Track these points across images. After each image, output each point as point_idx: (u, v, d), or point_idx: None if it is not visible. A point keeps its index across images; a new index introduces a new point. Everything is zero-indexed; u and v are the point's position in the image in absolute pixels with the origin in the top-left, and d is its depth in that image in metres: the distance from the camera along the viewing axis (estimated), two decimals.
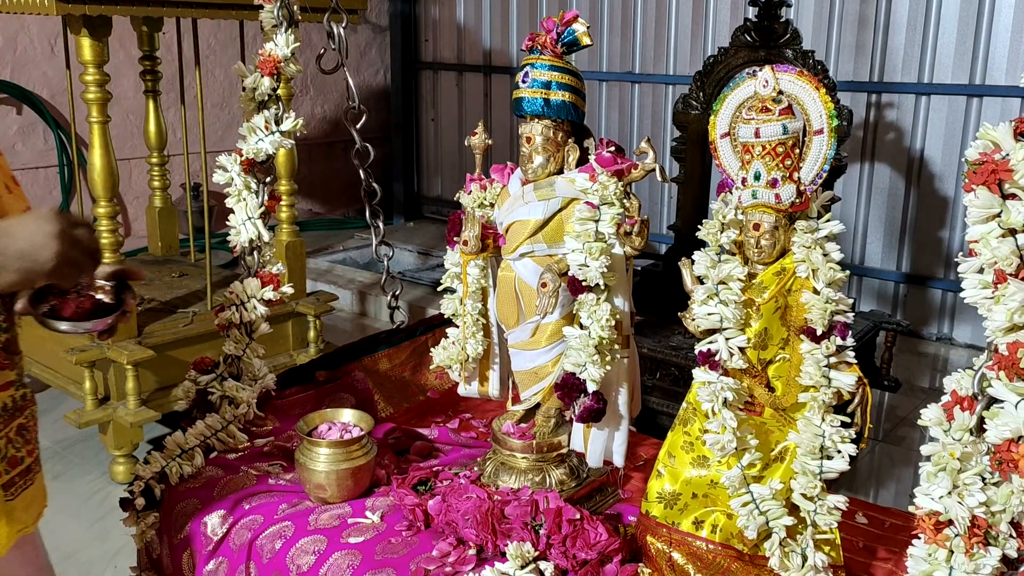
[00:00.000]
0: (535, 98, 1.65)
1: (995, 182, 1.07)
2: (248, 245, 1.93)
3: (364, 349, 2.29)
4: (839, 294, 1.45)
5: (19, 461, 1.33)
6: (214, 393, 1.93)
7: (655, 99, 5.29)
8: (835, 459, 1.45)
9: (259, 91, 1.88)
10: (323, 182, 6.38)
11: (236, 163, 1.89)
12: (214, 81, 5.53)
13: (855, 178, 4.57)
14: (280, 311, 3.40)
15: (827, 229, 1.48)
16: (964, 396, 1.12)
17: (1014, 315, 1.05)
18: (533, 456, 1.76)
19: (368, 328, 4.52)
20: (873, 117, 4.51)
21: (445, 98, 6.43)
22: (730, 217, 1.53)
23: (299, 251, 3.56)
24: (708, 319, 1.49)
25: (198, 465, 1.83)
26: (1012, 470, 1.06)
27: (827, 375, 1.45)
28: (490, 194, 1.79)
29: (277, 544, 1.65)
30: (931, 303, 4.48)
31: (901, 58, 4.37)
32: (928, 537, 1.12)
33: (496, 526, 1.59)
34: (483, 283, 1.83)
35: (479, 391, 1.92)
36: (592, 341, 1.57)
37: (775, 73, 1.48)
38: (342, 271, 5.24)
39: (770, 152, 1.46)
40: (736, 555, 1.50)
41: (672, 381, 3.03)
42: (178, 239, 4.14)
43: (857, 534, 1.71)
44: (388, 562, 1.58)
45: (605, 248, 1.57)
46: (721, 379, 1.48)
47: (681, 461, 1.56)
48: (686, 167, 3.40)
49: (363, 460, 1.76)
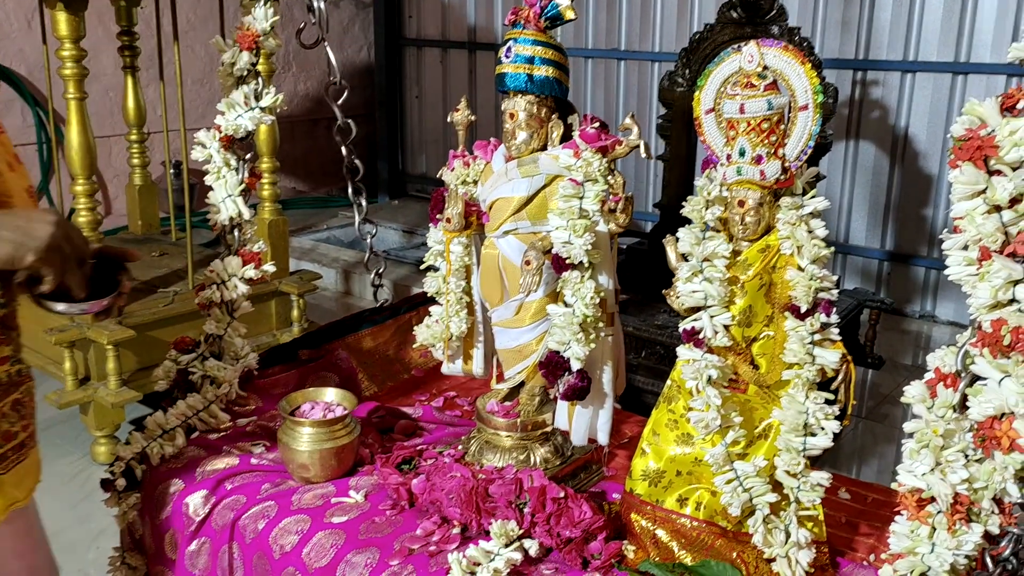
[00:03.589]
0: (518, 73, 1.63)
1: (981, 158, 1.06)
2: (228, 223, 1.91)
3: (347, 327, 2.27)
4: (824, 271, 1.45)
5: (13, 436, 1.33)
6: (195, 373, 1.91)
7: (641, 76, 5.27)
8: (819, 436, 1.44)
9: (238, 66, 1.84)
10: (306, 160, 6.33)
11: (215, 139, 1.86)
12: (194, 57, 5.46)
13: (840, 156, 4.57)
14: (263, 290, 3.38)
15: (812, 206, 1.47)
16: (947, 373, 1.12)
17: (998, 292, 1.05)
18: (517, 434, 1.76)
19: (352, 307, 4.50)
20: (858, 95, 4.51)
21: (429, 75, 6.38)
22: (715, 194, 1.52)
23: (282, 229, 3.53)
24: (692, 296, 1.48)
25: (179, 445, 1.82)
26: (995, 447, 1.06)
27: (811, 352, 1.45)
28: (473, 171, 1.77)
29: (260, 524, 1.64)
30: (914, 281, 4.50)
31: (887, 35, 4.37)
32: (911, 514, 1.12)
33: (480, 505, 1.59)
34: (466, 261, 1.81)
35: (463, 369, 1.91)
36: (576, 319, 1.56)
37: (760, 48, 1.46)
38: (326, 250, 5.21)
39: (755, 128, 1.45)
40: (720, 532, 1.51)
41: (657, 359, 3.04)
42: (159, 218, 4.09)
43: (840, 510, 1.71)
44: (372, 541, 1.57)
45: (589, 225, 1.56)
46: (705, 356, 1.47)
47: (665, 439, 1.56)
48: (672, 144, 3.39)
49: (346, 439, 1.75)
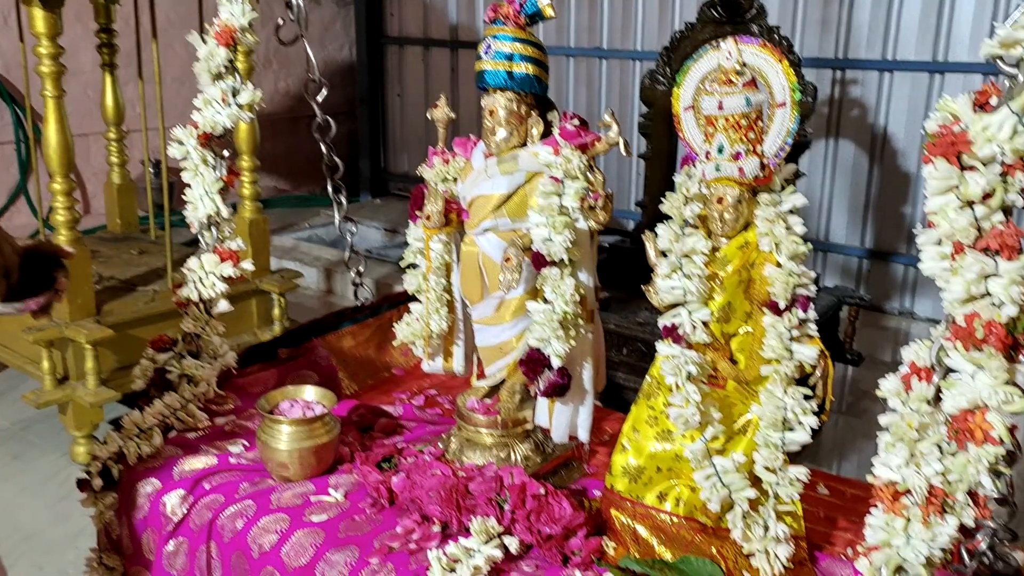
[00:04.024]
0: (498, 70, 1.63)
1: (954, 154, 1.07)
2: (206, 220, 1.90)
3: (327, 326, 2.26)
4: (802, 267, 1.46)
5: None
6: (172, 372, 1.89)
7: (623, 75, 5.28)
8: (797, 431, 1.45)
9: (215, 62, 1.83)
10: (287, 159, 6.30)
11: (192, 136, 1.85)
12: (173, 55, 5.41)
13: (820, 154, 4.60)
14: (243, 288, 3.36)
15: (790, 203, 1.48)
16: (922, 367, 1.13)
17: (971, 286, 1.06)
18: (498, 432, 1.76)
19: (334, 306, 4.49)
20: (838, 94, 4.53)
21: (411, 74, 6.36)
22: (694, 190, 1.52)
23: (262, 228, 3.51)
24: (672, 292, 1.48)
25: (157, 445, 1.80)
26: (969, 440, 1.07)
27: (789, 348, 1.46)
28: (453, 168, 1.77)
29: (239, 523, 1.63)
30: (893, 278, 4.54)
31: (865, 35, 4.40)
32: (886, 506, 1.13)
33: (461, 502, 1.59)
34: (446, 258, 1.81)
35: (443, 367, 1.90)
36: (556, 316, 1.56)
37: (738, 45, 1.47)
38: (307, 249, 5.19)
39: (733, 125, 1.45)
40: (699, 527, 1.51)
41: (639, 357, 3.04)
42: (137, 216, 4.06)
43: (819, 505, 1.72)
44: (352, 539, 1.57)
45: (569, 222, 1.56)
46: (685, 352, 1.47)
47: (645, 435, 1.56)
48: (653, 143, 3.40)
49: (326, 438, 1.74)
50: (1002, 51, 1.07)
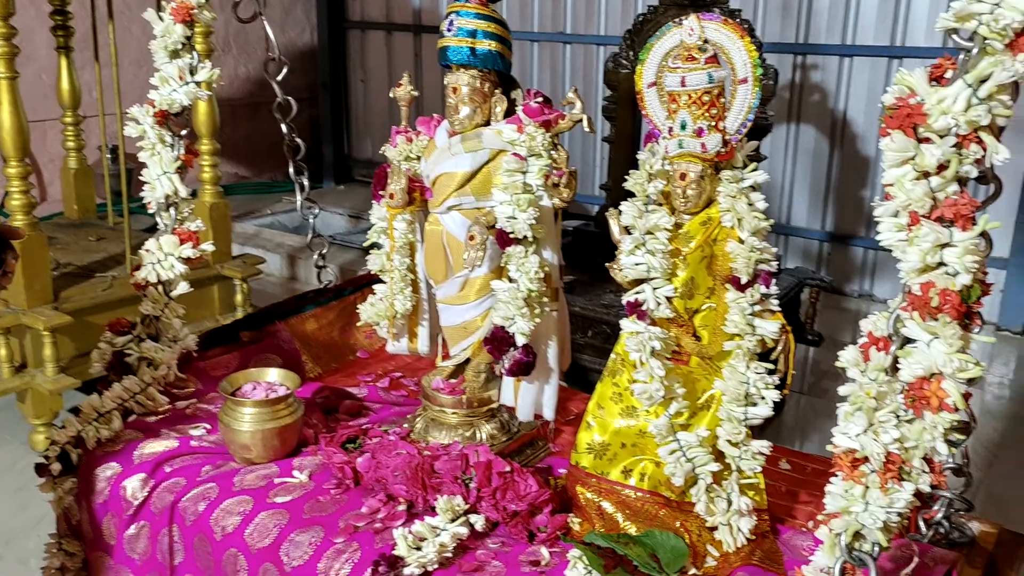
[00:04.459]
0: (461, 47, 1.62)
1: (910, 126, 1.08)
2: (164, 201, 1.86)
3: (291, 309, 2.24)
4: (763, 243, 1.47)
5: None
6: (131, 355, 1.86)
7: (586, 59, 5.29)
8: (759, 405, 1.47)
9: (171, 39, 1.80)
10: (248, 144, 6.22)
11: (149, 115, 1.82)
12: (130, 39, 5.31)
13: (781, 138, 4.64)
14: (205, 274, 3.33)
15: (752, 179, 1.49)
16: (880, 337, 1.15)
17: (926, 256, 1.07)
18: (463, 411, 1.75)
19: (298, 292, 4.44)
20: (799, 78, 4.58)
21: (374, 58, 6.31)
22: (657, 167, 1.52)
23: (223, 212, 3.47)
24: (635, 269, 1.49)
25: (116, 429, 1.77)
26: (924, 407, 1.09)
27: (751, 323, 1.47)
28: (416, 147, 1.76)
29: (200, 506, 1.61)
30: (853, 261, 4.61)
31: (826, 20, 4.44)
32: (845, 474, 1.15)
33: (426, 481, 1.58)
34: (410, 238, 1.80)
35: (408, 348, 1.90)
36: (521, 294, 1.56)
37: (701, 22, 1.47)
38: (270, 235, 5.14)
39: (696, 101, 1.46)
40: (664, 502, 1.52)
41: (604, 339, 3.06)
42: (95, 202, 3.99)
43: (781, 479, 1.75)
44: (316, 520, 1.56)
45: (533, 200, 1.56)
46: (648, 329, 1.48)
47: (610, 412, 1.57)
48: (617, 126, 3.41)
49: (289, 419, 1.73)
50: (957, 24, 1.08)
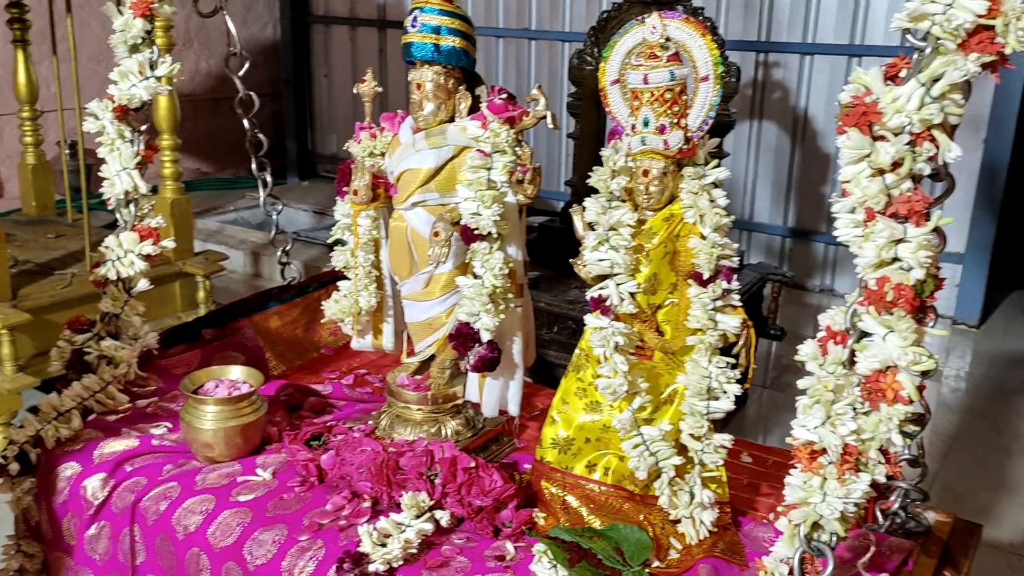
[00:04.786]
0: (425, 43, 1.62)
1: (866, 124, 1.11)
2: (124, 197, 1.84)
3: (254, 306, 2.22)
4: (725, 239, 1.49)
5: None
6: (91, 353, 1.84)
7: (551, 56, 5.30)
8: (721, 400, 1.49)
9: (131, 33, 1.77)
10: (210, 140, 6.15)
11: (108, 110, 1.79)
12: (89, 32, 5.23)
13: (744, 135, 4.69)
14: (167, 271, 3.29)
15: (713, 176, 1.51)
16: (837, 331, 1.17)
17: (882, 251, 1.10)
18: (428, 408, 1.75)
19: (262, 289, 4.41)
20: (761, 76, 4.63)
21: (338, 53, 6.27)
22: (620, 164, 1.54)
23: (185, 209, 3.43)
24: (599, 265, 1.50)
25: (75, 428, 1.75)
26: (880, 399, 1.12)
27: (713, 318, 1.49)
28: (380, 143, 1.75)
29: (162, 505, 1.60)
30: (815, 256, 4.67)
31: (787, 18, 4.50)
32: (804, 466, 1.17)
33: (391, 478, 1.58)
34: (375, 234, 1.79)
35: (373, 344, 1.89)
36: (486, 290, 1.56)
37: (663, 20, 1.49)
38: (233, 231, 5.09)
39: (658, 98, 1.47)
40: (628, 495, 1.54)
41: (569, 335, 3.07)
42: (54, 199, 3.92)
43: (743, 472, 1.77)
44: (280, 518, 1.55)
45: (497, 196, 1.56)
46: (612, 324, 1.49)
47: (574, 407, 1.58)
48: (582, 123, 3.42)
49: (252, 417, 1.72)
50: (911, 24, 1.10)
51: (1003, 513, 2.85)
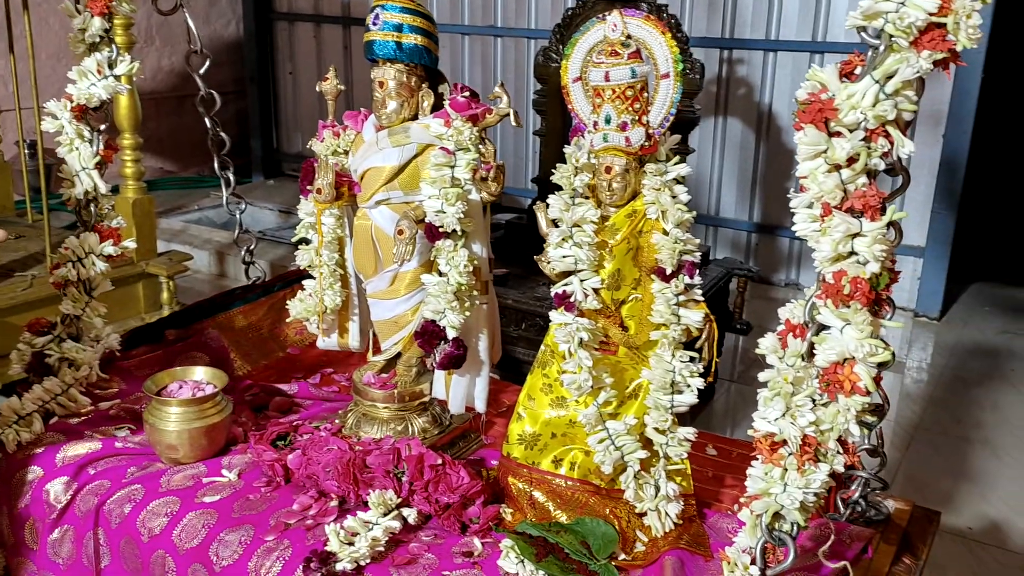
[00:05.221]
0: (387, 41, 1.62)
1: (822, 120, 1.12)
2: (84, 198, 1.82)
3: (218, 306, 2.21)
4: (687, 234, 1.50)
5: None
6: (52, 355, 1.82)
7: (517, 52, 5.30)
8: (685, 393, 1.50)
9: (89, 32, 1.75)
10: (174, 139, 6.08)
11: (66, 110, 1.76)
12: (48, 30, 5.15)
13: (709, 132, 4.73)
14: (130, 272, 3.25)
15: (675, 172, 1.52)
16: (796, 324, 1.19)
17: (838, 245, 1.12)
18: (395, 406, 1.75)
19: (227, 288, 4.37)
20: (725, 72, 4.67)
21: (302, 51, 6.22)
22: (583, 161, 1.55)
23: (147, 209, 3.39)
24: (563, 261, 1.51)
25: (37, 431, 1.73)
26: (838, 391, 1.14)
27: (676, 313, 1.50)
28: (344, 141, 1.75)
29: (126, 508, 1.58)
30: (780, 251, 4.72)
31: (750, 15, 4.54)
32: (765, 457, 1.19)
33: (358, 476, 1.58)
34: (339, 232, 1.79)
35: (339, 343, 1.89)
36: (451, 288, 1.57)
37: (623, 17, 1.50)
38: (197, 231, 5.04)
39: (620, 96, 1.48)
40: (594, 490, 1.55)
41: (537, 331, 3.07)
42: (13, 199, 3.86)
43: (707, 465, 1.79)
44: (246, 519, 1.54)
45: (461, 194, 1.56)
46: (576, 320, 1.50)
47: (540, 403, 1.59)
48: (548, 119, 3.43)
49: (217, 418, 1.71)
50: (865, 22, 1.12)
51: (964, 501, 2.91)
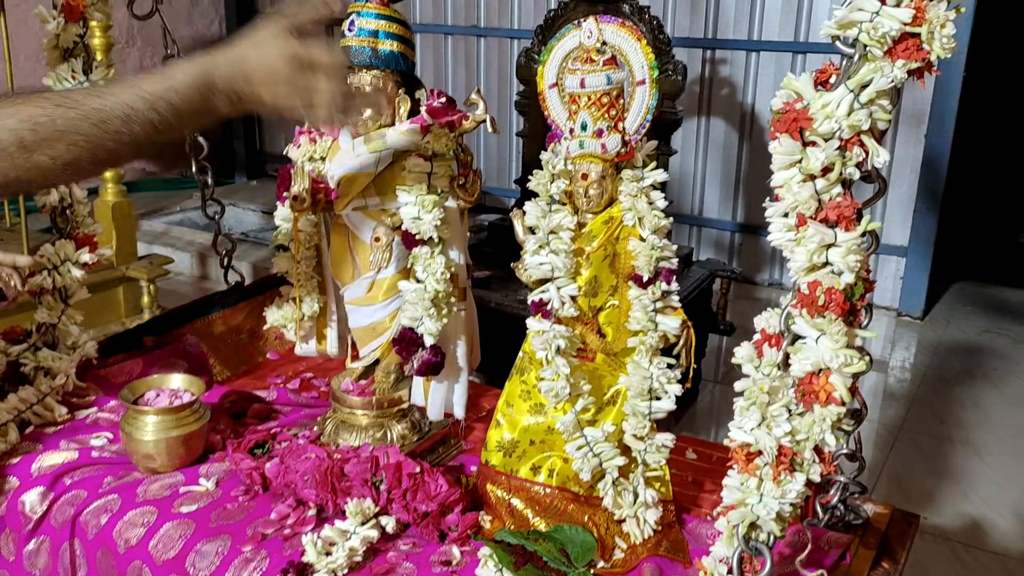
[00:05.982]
0: (362, 47, 1.61)
1: (796, 130, 1.12)
2: (59, 204, 1.80)
3: (196, 311, 2.19)
4: (664, 241, 1.50)
5: None
6: (27, 364, 1.80)
7: (500, 53, 5.30)
8: (663, 400, 1.50)
9: (64, 38, 1.73)
10: None
11: None
12: (26, 32, 5.08)
13: (692, 132, 4.74)
14: (109, 276, 3.22)
15: (652, 178, 1.52)
16: (772, 334, 1.19)
17: (813, 255, 1.12)
18: (373, 412, 1.75)
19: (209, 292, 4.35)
20: (708, 73, 4.68)
21: None
22: (559, 167, 1.54)
23: (127, 212, 3.36)
24: (540, 269, 1.51)
25: (12, 441, 1.71)
26: (814, 401, 1.14)
27: (654, 319, 1.50)
28: (320, 148, 1.74)
29: (103, 519, 1.57)
30: (763, 251, 4.74)
31: (733, 15, 4.55)
32: (741, 467, 1.19)
33: (336, 485, 1.57)
34: (316, 239, 1.78)
35: (317, 350, 1.88)
36: (428, 295, 1.56)
37: (599, 24, 1.49)
38: (180, 233, 5.01)
39: (595, 102, 1.48)
40: (572, 497, 1.55)
41: (520, 334, 3.07)
42: None
43: (687, 469, 1.79)
44: (224, 528, 1.53)
45: (438, 200, 1.56)
46: (554, 327, 1.50)
47: (519, 409, 1.58)
48: (530, 121, 3.43)
49: (195, 426, 1.69)
50: (840, 31, 1.12)
51: (946, 501, 2.92)
